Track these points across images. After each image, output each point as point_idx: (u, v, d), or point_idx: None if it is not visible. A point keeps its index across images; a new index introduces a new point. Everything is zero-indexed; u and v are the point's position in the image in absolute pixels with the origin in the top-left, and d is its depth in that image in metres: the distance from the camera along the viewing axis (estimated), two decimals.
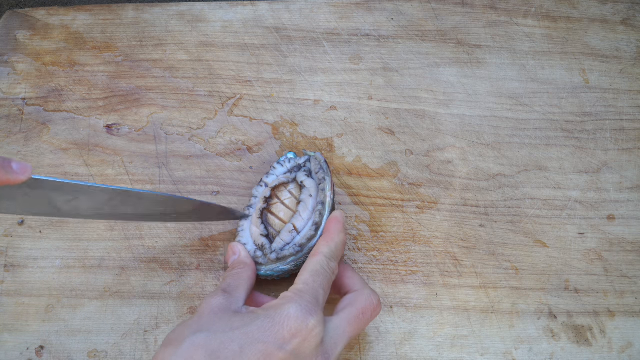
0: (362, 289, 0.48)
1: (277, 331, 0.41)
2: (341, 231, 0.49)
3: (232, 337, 0.40)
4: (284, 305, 0.42)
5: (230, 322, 0.42)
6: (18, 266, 0.54)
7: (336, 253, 0.47)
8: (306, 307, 0.42)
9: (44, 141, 0.60)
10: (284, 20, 0.67)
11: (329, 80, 0.63)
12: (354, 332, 0.45)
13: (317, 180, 0.53)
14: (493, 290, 0.55)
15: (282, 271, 0.51)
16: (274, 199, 0.54)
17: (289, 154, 0.57)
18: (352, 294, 0.47)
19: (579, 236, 0.57)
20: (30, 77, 0.63)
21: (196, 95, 0.62)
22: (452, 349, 0.52)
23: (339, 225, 0.49)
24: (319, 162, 0.54)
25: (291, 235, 0.51)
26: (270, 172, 0.56)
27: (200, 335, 0.41)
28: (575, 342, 0.53)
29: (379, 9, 0.67)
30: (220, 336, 0.41)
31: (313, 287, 0.44)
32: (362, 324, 0.46)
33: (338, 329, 0.44)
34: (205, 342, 0.40)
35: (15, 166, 0.39)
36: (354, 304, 0.46)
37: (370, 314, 0.46)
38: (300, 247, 0.50)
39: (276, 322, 0.41)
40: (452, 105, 0.62)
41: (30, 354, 0.51)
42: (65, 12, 0.67)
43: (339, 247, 0.48)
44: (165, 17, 0.67)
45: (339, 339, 0.44)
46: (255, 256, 0.51)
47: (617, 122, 0.62)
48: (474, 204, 0.58)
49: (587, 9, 0.68)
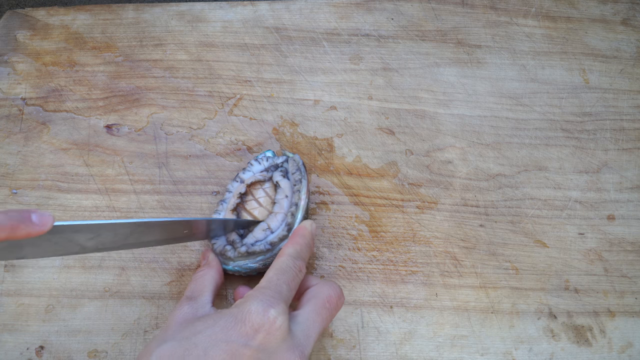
0: (321, 282, 0.48)
1: (240, 328, 0.41)
2: (307, 235, 0.49)
3: (195, 342, 0.41)
4: (245, 303, 0.42)
5: (194, 327, 0.42)
6: (18, 266, 0.54)
7: (301, 254, 0.48)
8: (267, 300, 0.42)
9: (44, 141, 0.60)
10: (284, 20, 0.67)
11: (329, 80, 0.63)
12: (323, 322, 0.45)
13: (292, 181, 0.54)
14: (493, 290, 0.55)
15: (250, 269, 0.51)
16: (248, 196, 0.54)
17: (267, 152, 0.57)
18: (313, 288, 0.48)
19: (579, 236, 0.57)
20: (30, 77, 0.63)
21: (196, 95, 0.62)
22: (452, 349, 0.52)
23: (305, 230, 0.50)
24: (297, 164, 0.55)
25: (265, 233, 0.52)
26: (247, 169, 0.56)
27: (165, 345, 0.41)
28: (575, 342, 0.53)
29: (379, 9, 0.67)
30: (184, 343, 0.41)
31: (276, 284, 0.44)
32: (329, 313, 0.46)
33: (307, 321, 0.44)
34: (171, 351, 0.41)
35: (35, 218, 0.39)
36: (317, 296, 0.46)
37: (335, 302, 0.47)
38: (271, 245, 0.51)
39: (238, 319, 0.41)
40: (452, 105, 0.62)
41: (30, 354, 0.51)
42: (65, 12, 0.67)
43: (303, 249, 0.48)
44: (165, 17, 0.67)
45: (310, 330, 0.44)
46: (224, 250, 0.51)
47: (617, 122, 0.62)
48: (474, 204, 0.58)
49: (587, 9, 0.68)
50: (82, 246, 0.44)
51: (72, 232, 0.42)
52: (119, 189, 0.58)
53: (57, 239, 0.41)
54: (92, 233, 0.43)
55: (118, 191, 0.58)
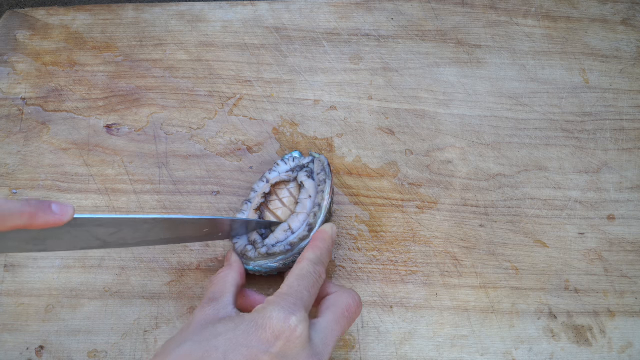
0: (340, 290, 0.48)
1: (260, 334, 0.41)
2: (327, 240, 0.50)
3: (216, 345, 0.41)
4: (266, 309, 0.42)
5: (215, 330, 0.42)
6: (18, 266, 0.54)
7: (322, 259, 0.48)
8: (288, 307, 0.42)
9: (44, 141, 0.60)
10: (284, 20, 0.67)
11: (329, 80, 0.63)
12: (342, 330, 0.45)
13: (317, 181, 0.53)
14: (493, 290, 0.55)
15: (270, 268, 0.51)
16: (272, 196, 0.54)
17: (294, 153, 0.57)
18: (332, 296, 0.48)
19: (579, 236, 0.57)
20: (30, 77, 0.63)
21: (196, 95, 0.62)
22: (452, 349, 0.52)
23: (326, 235, 0.50)
24: (322, 164, 0.54)
25: (285, 234, 0.52)
26: (273, 169, 0.56)
27: (185, 346, 0.41)
28: (575, 342, 0.53)
29: (379, 9, 0.67)
30: (205, 345, 0.41)
31: (297, 290, 0.44)
32: (347, 321, 0.46)
33: (326, 329, 0.44)
34: (190, 351, 0.41)
35: (55, 208, 0.39)
36: (336, 304, 0.46)
37: (355, 310, 0.47)
38: (290, 245, 0.51)
39: (259, 325, 0.41)
40: (452, 105, 0.62)
41: (30, 354, 0.51)
42: (65, 12, 0.67)
43: (324, 254, 0.48)
44: (165, 17, 0.67)
45: (328, 339, 0.44)
46: (245, 250, 0.51)
47: (617, 122, 0.62)
48: (474, 204, 0.58)
49: (587, 9, 0.68)
50: (103, 241, 0.44)
51: (94, 225, 0.42)
52: (118, 189, 0.58)
53: (79, 232, 0.42)
54: (114, 228, 0.43)
55: (118, 191, 0.58)
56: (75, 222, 0.41)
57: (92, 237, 0.43)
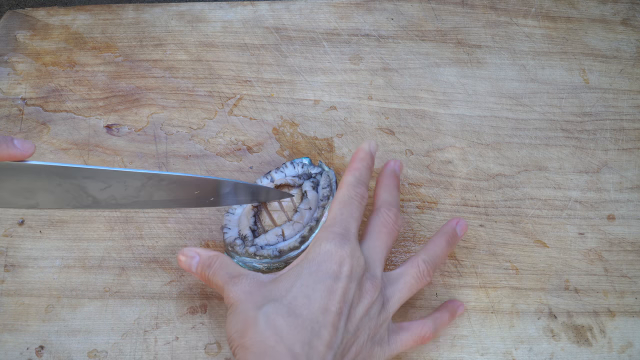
0: (375, 210, 0.51)
1: (326, 267, 0.44)
2: (366, 158, 0.50)
3: (294, 295, 0.44)
4: (319, 245, 0.46)
5: (281, 286, 0.45)
6: (18, 266, 0.54)
7: (362, 179, 0.49)
8: (338, 239, 0.46)
9: (44, 141, 0.60)
10: (283, 20, 0.67)
11: (329, 80, 0.63)
12: (383, 244, 0.49)
13: (320, 195, 0.53)
14: (493, 290, 0.55)
15: (253, 267, 0.51)
16: None
17: (304, 159, 0.57)
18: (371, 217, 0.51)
19: (579, 236, 0.57)
20: (30, 77, 0.63)
21: (196, 95, 0.62)
22: (452, 349, 0.52)
23: (363, 153, 0.51)
24: (329, 180, 0.54)
25: (277, 239, 0.52)
26: (280, 169, 0.56)
27: (267, 307, 0.43)
28: (575, 342, 0.53)
29: (379, 9, 0.67)
30: (283, 300, 0.44)
31: (342, 219, 0.47)
32: (387, 235, 0.49)
33: (369, 248, 0.48)
34: (276, 310, 0.43)
35: (17, 142, 0.41)
36: (372, 223, 0.50)
37: (392, 222, 0.50)
38: (279, 252, 0.51)
39: (320, 261, 0.45)
40: (452, 105, 0.62)
41: (30, 354, 0.51)
42: (65, 12, 0.67)
43: (363, 173, 0.50)
44: (165, 17, 0.67)
45: (374, 256, 0.48)
46: (234, 243, 0.51)
47: (617, 122, 0.62)
48: (474, 204, 0.58)
49: (587, 9, 0.68)
50: (94, 198, 0.44)
51: (82, 177, 0.42)
52: None
53: (68, 185, 0.42)
54: (103, 182, 0.43)
55: None
56: (65, 172, 0.41)
57: (82, 192, 0.43)
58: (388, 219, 0.49)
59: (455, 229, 0.52)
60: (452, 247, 0.51)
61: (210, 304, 0.53)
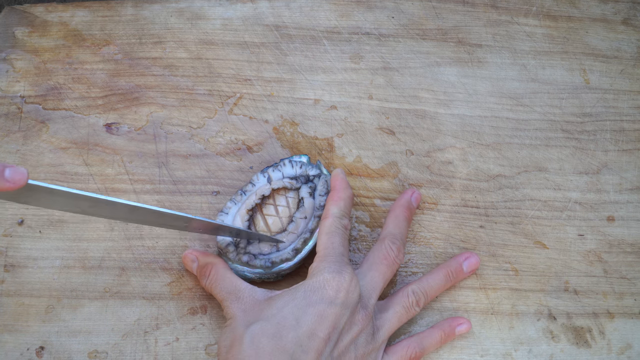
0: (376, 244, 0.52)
1: (322, 294, 0.45)
2: (346, 188, 0.52)
3: (284, 315, 0.44)
4: (317, 274, 0.47)
5: (274, 305, 0.46)
6: (18, 266, 0.54)
7: (345, 210, 0.51)
8: (335, 267, 0.47)
9: (43, 140, 0.59)
10: (284, 18, 0.66)
11: (329, 79, 0.63)
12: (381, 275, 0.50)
13: (317, 203, 0.53)
14: (493, 291, 0.55)
15: (244, 276, 0.51)
16: (269, 199, 0.54)
17: (303, 158, 0.56)
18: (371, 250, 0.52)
19: (578, 237, 0.57)
20: (29, 74, 0.63)
21: (196, 94, 0.62)
22: (452, 350, 0.53)
23: (343, 183, 0.52)
24: (326, 186, 0.54)
25: (270, 248, 0.52)
26: (277, 168, 0.55)
27: (254, 326, 0.44)
28: (574, 343, 0.53)
29: (380, 7, 0.67)
30: (272, 320, 0.44)
31: (334, 247, 0.48)
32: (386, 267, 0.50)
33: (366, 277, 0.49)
34: (262, 330, 0.44)
35: (7, 173, 0.38)
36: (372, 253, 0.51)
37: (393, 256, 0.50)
38: (271, 264, 0.51)
39: (316, 287, 0.46)
40: (452, 105, 0.62)
41: (31, 355, 0.51)
42: (64, 9, 0.66)
43: (347, 204, 0.51)
44: (164, 14, 0.66)
45: (370, 285, 0.49)
46: (226, 249, 0.51)
47: (617, 123, 0.62)
48: (474, 204, 0.58)
49: (588, 9, 0.68)
50: (82, 209, 0.44)
51: (69, 198, 0.42)
52: (118, 188, 0.58)
53: (56, 198, 0.42)
54: (89, 202, 0.43)
55: (117, 191, 0.57)
56: (50, 191, 0.41)
57: (71, 204, 0.43)
58: (390, 253, 0.50)
59: (411, 200, 0.55)
60: (450, 282, 0.52)
61: (210, 305, 0.53)
